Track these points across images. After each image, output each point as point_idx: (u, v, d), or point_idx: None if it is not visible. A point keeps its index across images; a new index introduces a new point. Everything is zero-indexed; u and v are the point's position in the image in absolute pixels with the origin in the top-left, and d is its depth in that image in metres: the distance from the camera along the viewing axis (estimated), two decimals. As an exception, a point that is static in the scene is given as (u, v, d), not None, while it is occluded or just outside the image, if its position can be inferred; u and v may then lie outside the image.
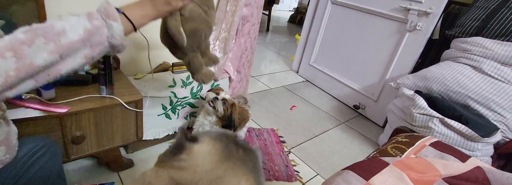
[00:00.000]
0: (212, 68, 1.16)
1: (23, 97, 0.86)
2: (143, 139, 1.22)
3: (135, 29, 0.60)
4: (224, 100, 1.22)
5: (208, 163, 0.41)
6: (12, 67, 0.44)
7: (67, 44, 0.49)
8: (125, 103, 0.99)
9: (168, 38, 0.75)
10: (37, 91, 0.89)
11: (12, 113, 0.81)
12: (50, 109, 0.86)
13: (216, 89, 1.30)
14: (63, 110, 0.87)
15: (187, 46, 0.74)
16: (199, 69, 0.85)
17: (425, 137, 0.76)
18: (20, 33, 0.46)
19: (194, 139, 0.44)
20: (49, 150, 0.75)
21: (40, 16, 0.98)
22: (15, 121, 0.79)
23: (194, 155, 0.42)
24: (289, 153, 1.57)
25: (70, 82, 1.01)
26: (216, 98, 1.22)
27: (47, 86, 0.88)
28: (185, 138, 0.43)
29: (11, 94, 0.47)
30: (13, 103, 0.85)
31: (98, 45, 0.54)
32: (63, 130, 0.90)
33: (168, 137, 1.40)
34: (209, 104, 1.22)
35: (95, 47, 0.53)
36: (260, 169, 0.47)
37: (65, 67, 0.51)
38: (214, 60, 0.96)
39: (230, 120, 1.24)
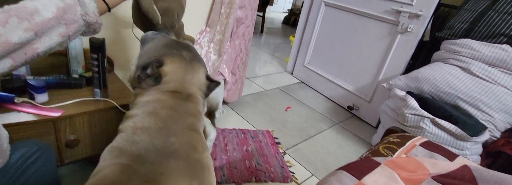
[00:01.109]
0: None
1: (15, 101, 0.86)
2: (138, 141, 1.21)
3: (109, 9, 0.62)
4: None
5: (180, 72, 0.64)
6: None
7: (41, 22, 0.50)
8: (119, 105, 0.99)
9: (142, 18, 0.76)
10: (30, 95, 0.89)
11: (4, 117, 0.81)
12: (44, 113, 0.86)
13: None
14: (57, 114, 0.86)
15: (160, 26, 0.76)
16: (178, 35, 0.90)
17: (415, 137, 0.78)
18: None
19: (161, 63, 0.64)
20: (42, 155, 0.74)
21: None
22: (8, 126, 0.78)
23: (168, 73, 0.63)
24: (285, 154, 1.58)
25: (64, 86, 1.01)
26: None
27: (40, 90, 0.88)
28: (156, 66, 0.63)
29: None
30: (6, 107, 0.84)
31: (73, 23, 0.55)
32: (57, 133, 0.90)
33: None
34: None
35: (70, 25, 0.54)
36: (198, 54, 0.72)
37: (42, 46, 0.52)
38: (190, 40, 0.98)
39: None
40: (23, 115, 0.84)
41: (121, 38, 1.27)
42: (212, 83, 0.70)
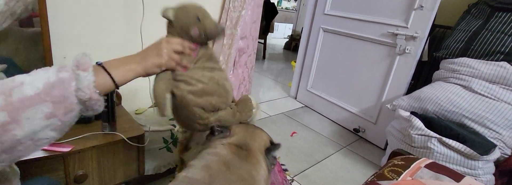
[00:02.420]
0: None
1: (28, 138, 0.88)
2: (145, 174, 1.22)
3: (116, 86, 0.52)
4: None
5: (242, 128, 0.71)
6: None
7: (18, 100, 0.40)
8: (127, 138, 1.01)
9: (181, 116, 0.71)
10: (42, 131, 0.91)
11: (17, 154, 0.83)
12: (54, 149, 0.88)
13: None
14: (67, 149, 0.89)
15: (198, 111, 0.68)
16: (232, 116, 0.77)
17: (420, 159, 0.77)
18: None
19: (226, 128, 0.71)
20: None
21: (46, 59, 1.04)
22: (19, 163, 0.80)
23: (232, 129, 0.70)
24: (293, 181, 1.55)
25: (74, 121, 1.04)
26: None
27: (52, 126, 0.91)
28: (222, 129, 0.70)
29: None
30: (18, 144, 0.87)
31: (62, 102, 0.44)
32: (66, 169, 0.92)
33: (169, 171, 1.40)
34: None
35: (58, 104, 0.43)
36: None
37: (22, 132, 0.40)
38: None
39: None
40: (34, 151, 0.86)
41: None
42: (272, 146, 0.72)
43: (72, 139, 0.94)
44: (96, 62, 0.51)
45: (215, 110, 0.73)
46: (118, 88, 0.54)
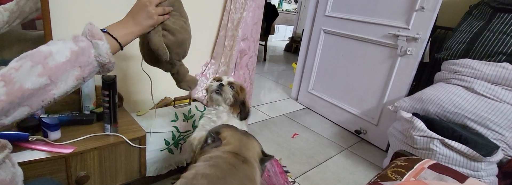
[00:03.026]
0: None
1: (30, 139, 0.89)
2: (146, 175, 1.22)
3: (121, 47, 0.62)
4: (231, 84, 1.06)
5: (236, 138, 0.73)
6: (2, 91, 0.44)
7: (55, 66, 0.49)
8: (129, 140, 1.01)
9: (151, 54, 0.78)
10: (44, 133, 0.92)
11: (19, 155, 0.83)
12: (56, 150, 0.88)
13: (216, 78, 1.11)
14: (69, 150, 0.89)
15: (174, 57, 0.79)
16: (185, 77, 0.91)
17: (423, 159, 0.77)
18: (13, 62, 0.48)
19: (218, 132, 0.74)
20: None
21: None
22: (22, 164, 0.80)
23: (225, 137, 0.73)
24: (294, 183, 1.54)
25: (75, 122, 1.04)
26: (222, 85, 1.04)
27: (54, 127, 0.91)
28: (216, 133, 0.74)
29: (6, 121, 0.47)
30: (20, 145, 0.87)
31: (87, 66, 0.55)
32: (68, 170, 0.91)
33: (170, 173, 1.40)
34: (216, 92, 1.03)
35: (84, 67, 0.54)
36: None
37: (58, 91, 0.51)
38: (193, 82, 1.01)
39: (244, 106, 1.08)
40: (37, 152, 0.86)
41: (130, 74, 1.33)
42: (266, 157, 0.76)
43: (74, 140, 0.94)
44: (102, 30, 0.59)
45: (185, 55, 0.84)
46: (122, 49, 0.64)
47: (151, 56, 0.81)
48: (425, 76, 1.97)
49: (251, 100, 1.98)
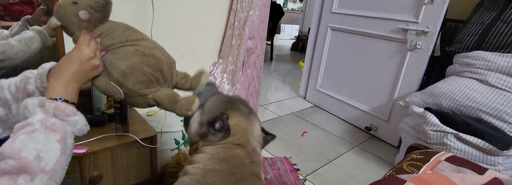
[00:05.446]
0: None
1: (44, 140, 0.90)
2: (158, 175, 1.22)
3: (76, 105, 0.59)
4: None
5: (243, 126, 0.66)
6: None
7: (50, 170, 0.47)
8: (140, 139, 1.02)
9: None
10: (57, 134, 0.93)
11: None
12: (70, 150, 0.89)
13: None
14: (82, 151, 0.90)
15: (136, 88, 0.67)
16: (173, 101, 0.72)
17: (439, 152, 0.75)
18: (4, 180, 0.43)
19: (226, 117, 0.65)
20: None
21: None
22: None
23: (232, 127, 0.64)
24: (305, 180, 1.53)
25: (88, 123, 1.05)
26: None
27: (67, 128, 0.92)
28: (223, 125, 0.63)
29: None
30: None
31: (71, 144, 0.54)
32: (82, 170, 0.92)
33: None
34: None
35: (69, 147, 0.53)
36: (251, 108, 0.74)
37: (53, 181, 0.48)
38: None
39: None
40: (50, 153, 0.87)
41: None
42: (268, 136, 0.72)
43: (87, 141, 0.95)
44: (58, 98, 0.55)
45: (152, 82, 0.69)
46: (76, 105, 0.59)
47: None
48: (436, 70, 1.93)
49: (259, 99, 1.97)
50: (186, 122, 0.74)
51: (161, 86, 0.72)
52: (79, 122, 0.55)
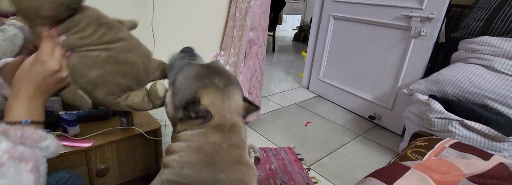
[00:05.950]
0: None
1: (50, 135, 0.91)
2: (164, 167, 1.23)
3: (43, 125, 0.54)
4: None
5: (218, 103, 0.59)
6: None
7: None
8: (144, 132, 1.03)
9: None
10: (64, 128, 0.94)
11: (41, 150, 0.85)
12: (76, 144, 0.90)
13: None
14: (88, 144, 0.91)
15: (107, 98, 0.62)
16: (142, 103, 0.67)
17: (444, 139, 0.75)
18: None
19: (198, 101, 0.57)
20: (74, 183, 0.77)
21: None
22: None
23: (208, 105, 0.57)
24: (309, 170, 1.54)
25: (93, 118, 1.06)
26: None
27: (73, 123, 0.93)
28: (197, 104, 0.57)
29: None
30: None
31: (43, 171, 0.48)
32: (88, 163, 0.94)
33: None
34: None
35: (42, 173, 0.48)
36: (230, 75, 0.66)
37: None
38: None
39: None
40: (57, 147, 0.88)
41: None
42: (251, 106, 0.65)
43: (93, 134, 0.96)
44: (23, 122, 0.49)
45: (125, 91, 0.65)
46: (43, 124, 0.54)
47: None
48: (441, 57, 1.90)
49: (262, 90, 1.97)
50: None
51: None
52: (51, 145, 0.49)
